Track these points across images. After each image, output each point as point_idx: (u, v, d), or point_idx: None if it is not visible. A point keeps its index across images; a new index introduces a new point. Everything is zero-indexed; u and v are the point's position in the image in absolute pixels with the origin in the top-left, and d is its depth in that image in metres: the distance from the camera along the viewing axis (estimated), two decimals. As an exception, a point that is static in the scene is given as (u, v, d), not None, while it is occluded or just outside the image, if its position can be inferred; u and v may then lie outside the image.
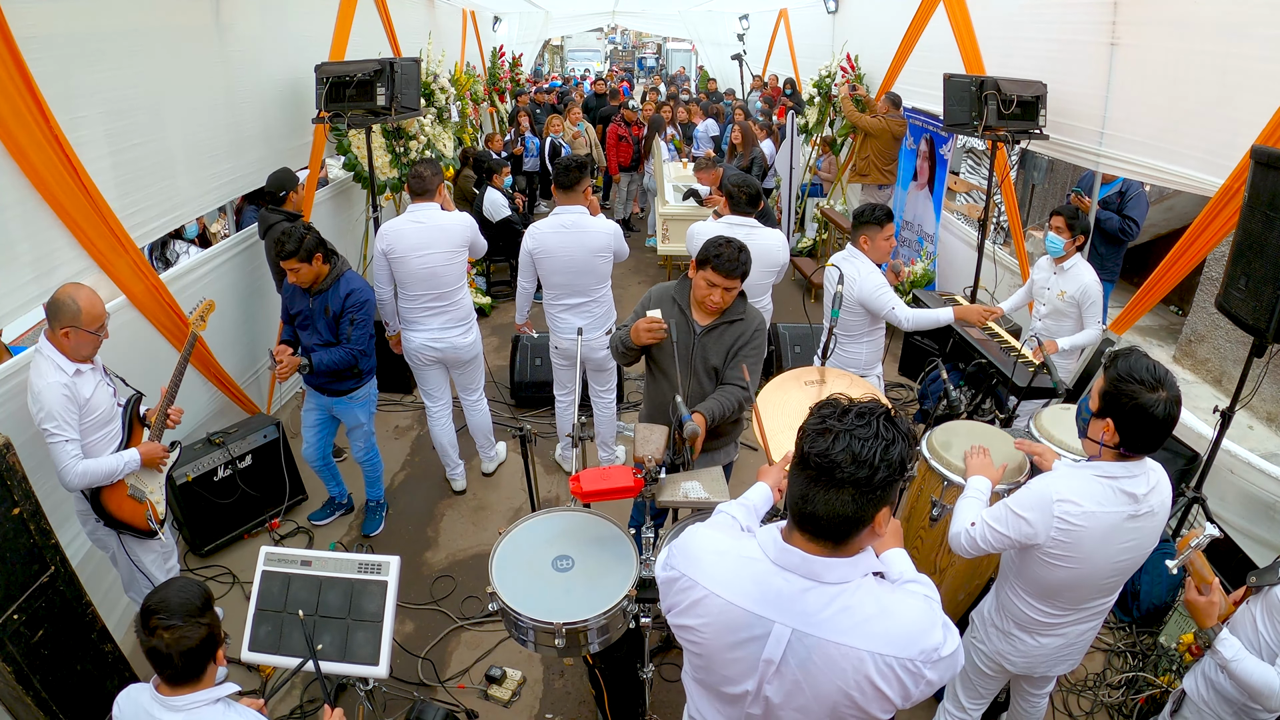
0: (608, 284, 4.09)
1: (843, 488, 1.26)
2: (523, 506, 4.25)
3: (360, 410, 3.82)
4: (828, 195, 8.41)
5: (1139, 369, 1.84)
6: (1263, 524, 3.43)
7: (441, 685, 3.18)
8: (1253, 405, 4.18)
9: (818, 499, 1.28)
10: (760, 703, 1.42)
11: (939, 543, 2.69)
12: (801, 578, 1.34)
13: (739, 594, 1.38)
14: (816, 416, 1.32)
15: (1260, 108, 3.24)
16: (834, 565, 1.33)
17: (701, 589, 1.41)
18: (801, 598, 1.34)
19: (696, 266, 2.76)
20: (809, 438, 1.30)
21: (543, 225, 3.91)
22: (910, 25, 6.49)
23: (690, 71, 22.54)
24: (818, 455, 1.27)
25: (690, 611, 1.43)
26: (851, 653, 1.31)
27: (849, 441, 1.26)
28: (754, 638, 1.37)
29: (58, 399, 2.58)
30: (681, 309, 2.86)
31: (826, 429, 1.29)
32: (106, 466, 2.73)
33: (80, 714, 2.60)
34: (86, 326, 2.63)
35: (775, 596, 1.35)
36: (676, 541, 1.52)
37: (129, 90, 3.46)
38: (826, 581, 1.33)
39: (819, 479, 1.27)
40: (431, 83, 6.37)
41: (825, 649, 1.32)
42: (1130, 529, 1.96)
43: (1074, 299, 3.82)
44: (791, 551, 1.35)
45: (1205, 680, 2.14)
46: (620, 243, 4.00)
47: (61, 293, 2.64)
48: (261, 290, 4.66)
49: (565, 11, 14.66)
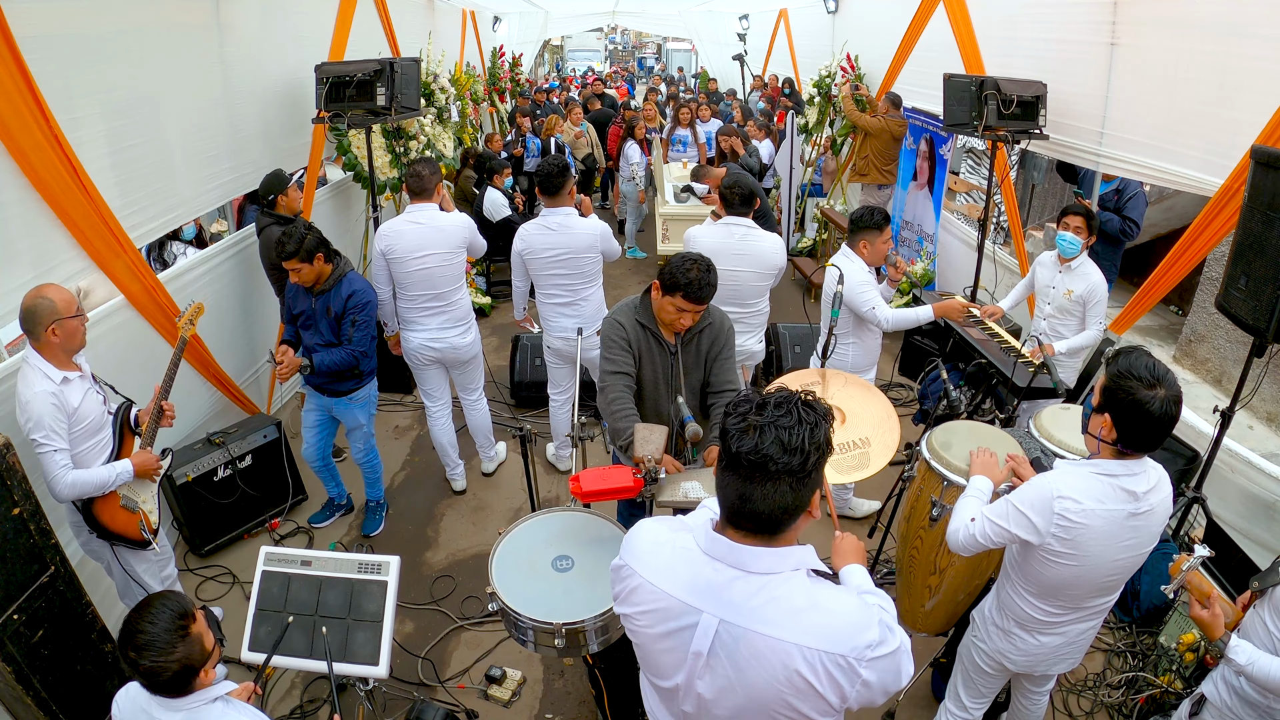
0: (597, 282, 4.11)
1: (779, 479, 1.27)
2: (523, 506, 4.25)
3: (360, 411, 3.82)
4: (828, 195, 8.41)
5: (1138, 366, 1.85)
6: (1263, 524, 3.43)
7: (441, 685, 3.18)
8: (1253, 405, 4.17)
9: (757, 495, 1.29)
10: (692, 699, 1.41)
11: (939, 542, 2.69)
12: (729, 567, 1.35)
13: (671, 581, 1.40)
14: (736, 415, 1.32)
15: (1260, 108, 3.24)
16: (760, 555, 1.33)
17: (638, 577, 1.44)
18: (729, 587, 1.34)
19: (662, 290, 2.63)
20: (734, 437, 1.30)
21: (530, 226, 3.96)
22: (910, 25, 6.49)
23: (690, 71, 22.54)
24: (749, 453, 1.27)
25: (629, 599, 1.46)
26: (779, 645, 1.30)
27: (775, 433, 1.27)
28: (684, 627, 1.38)
29: (46, 408, 2.53)
30: (650, 331, 2.77)
31: (750, 425, 1.29)
32: (98, 478, 2.67)
33: (80, 714, 2.60)
34: (66, 314, 2.59)
35: (705, 585, 1.36)
36: (628, 534, 1.54)
37: (128, 90, 3.46)
38: (753, 571, 1.33)
39: (754, 475, 1.28)
40: (431, 83, 6.38)
41: (752, 640, 1.32)
42: (1131, 527, 1.96)
43: (1081, 298, 3.78)
44: (719, 540, 1.36)
45: (1225, 685, 2.12)
46: (609, 242, 4.02)
47: (29, 299, 2.57)
48: (261, 290, 4.66)
49: (565, 11, 14.67)
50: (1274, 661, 1.92)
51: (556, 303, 4.05)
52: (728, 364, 2.83)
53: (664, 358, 2.78)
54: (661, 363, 2.78)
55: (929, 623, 2.92)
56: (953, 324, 4.14)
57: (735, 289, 3.82)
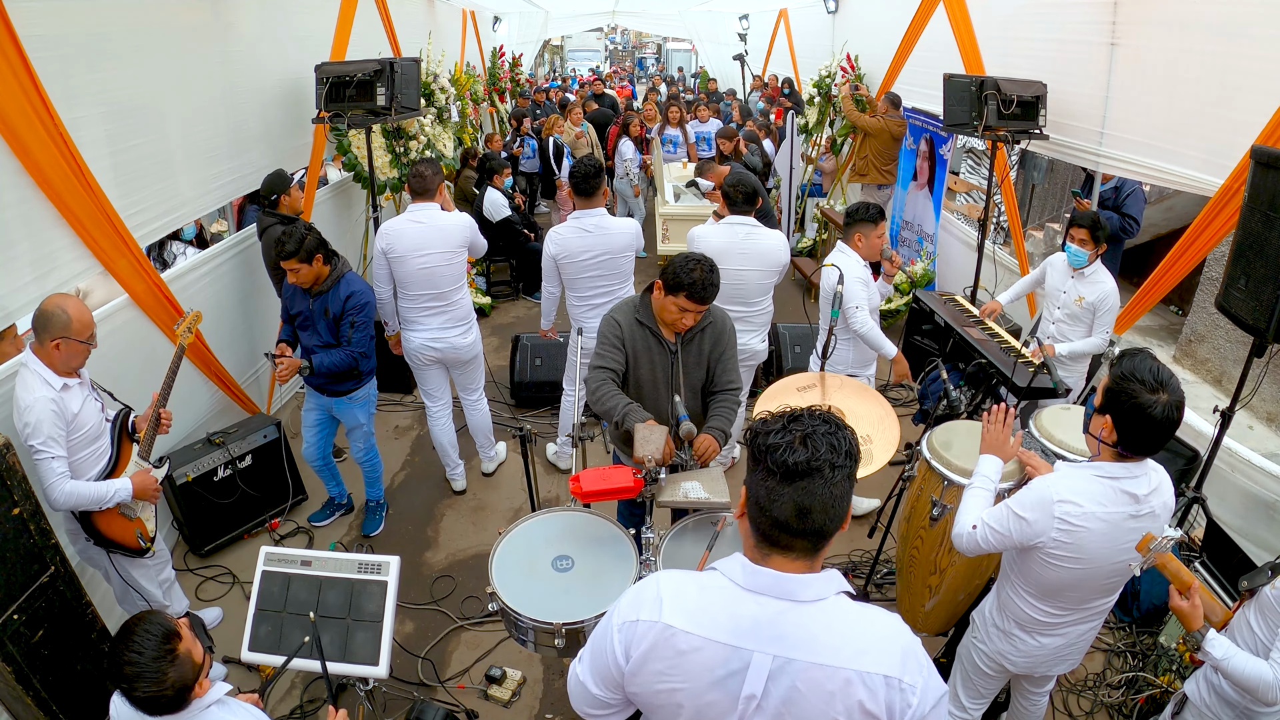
0: (630, 280, 4.11)
1: (837, 485, 1.24)
2: (523, 506, 4.25)
3: (359, 410, 3.82)
4: (828, 195, 8.41)
5: (1142, 369, 1.85)
6: (1263, 524, 3.43)
7: (441, 685, 3.18)
8: (1253, 405, 4.18)
9: (816, 506, 1.23)
10: None
11: (939, 542, 2.69)
12: (776, 599, 1.26)
13: (709, 626, 1.27)
14: (777, 432, 1.27)
15: (1260, 108, 3.24)
16: (809, 582, 1.27)
17: (666, 629, 1.29)
18: (779, 620, 1.26)
19: (665, 290, 2.61)
20: (784, 451, 1.24)
21: (564, 230, 3.90)
22: (910, 25, 6.50)
23: (689, 71, 22.54)
24: (806, 462, 1.23)
25: (653, 658, 1.30)
26: (837, 673, 1.23)
27: (825, 440, 1.25)
28: (732, 673, 1.26)
29: (46, 414, 2.50)
30: (650, 330, 2.75)
31: (798, 436, 1.25)
32: (95, 492, 2.63)
33: (80, 714, 2.60)
34: (78, 336, 2.57)
35: (750, 624, 1.26)
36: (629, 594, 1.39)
37: (130, 90, 3.47)
38: (803, 600, 1.26)
39: (813, 485, 1.23)
40: (431, 83, 6.38)
41: (811, 674, 1.24)
42: (1131, 529, 1.96)
43: (1092, 305, 3.74)
44: (762, 573, 1.28)
45: (1207, 684, 2.14)
46: (640, 239, 4.06)
47: (49, 303, 2.56)
48: (262, 290, 4.66)
49: (565, 11, 14.68)
50: (1249, 659, 1.93)
51: (595, 304, 4.01)
52: (730, 363, 2.83)
53: (664, 357, 2.77)
54: (661, 362, 2.77)
55: (929, 623, 2.92)
56: (953, 324, 4.14)
57: (739, 288, 3.83)
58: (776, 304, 4.23)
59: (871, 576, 3.52)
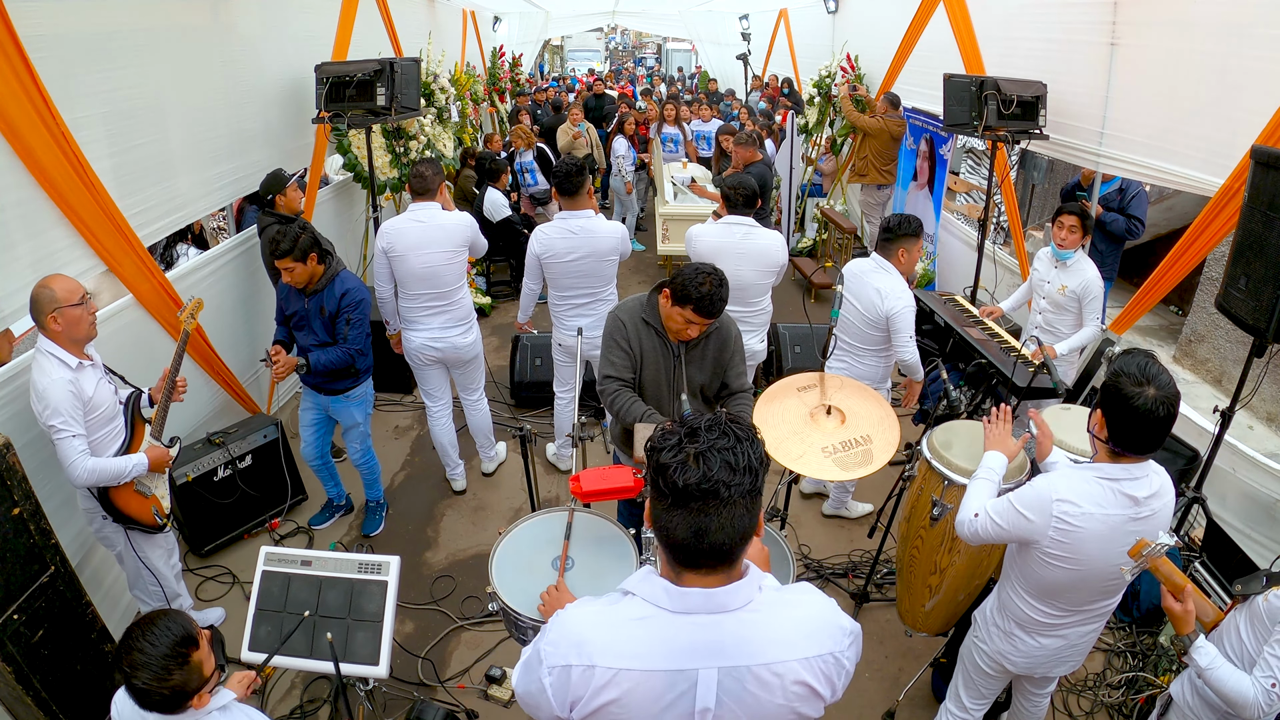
0: (613, 284, 4.11)
1: (735, 504, 1.20)
2: (523, 506, 4.25)
3: (356, 409, 3.82)
4: (828, 195, 8.41)
5: (1131, 365, 1.89)
6: (1263, 524, 3.43)
7: (441, 685, 3.18)
8: (1253, 405, 4.18)
9: (714, 526, 1.20)
10: None
11: (939, 542, 2.69)
12: (709, 614, 1.26)
13: (649, 659, 1.26)
14: (669, 449, 1.23)
15: (1260, 108, 3.24)
16: (736, 590, 1.27)
17: (605, 671, 1.26)
18: (716, 633, 1.26)
19: (672, 301, 2.57)
20: (676, 470, 1.20)
21: (550, 229, 3.90)
22: (910, 25, 6.50)
23: (688, 71, 22.54)
24: (699, 483, 1.19)
25: (600, 698, 1.27)
26: (784, 666, 1.27)
27: (720, 457, 1.20)
28: (680, 695, 1.26)
29: (63, 394, 2.58)
30: (656, 331, 2.72)
31: (690, 455, 1.21)
32: (115, 468, 2.73)
33: (80, 714, 2.60)
34: (67, 302, 2.61)
35: (688, 645, 1.26)
36: (544, 637, 1.35)
37: (131, 90, 3.47)
38: (735, 609, 1.27)
39: (708, 506, 1.19)
40: (431, 83, 6.38)
41: (759, 674, 1.26)
42: (1131, 532, 1.95)
43: (1075, 294, 3.78)
44: (689, 594, 1.26)
45: (1191, 687, 2.13)
46: (626, 243, 4.03)
47: (34, 290, 2.63)
48: (263, 291, 4.66)
49: (565, 11, 14.67)
50: (1233, 673, 1.91)
51: (574, 304, 4.02)
52: (741, 368, 2.82)
53: (668, 359, 2.76)
54: (665, 364, 2.76)
55: (929, 623, 2.92)
56: (953, 324, 4.15)
57: (738, 288, 3.81)
58: (776, 304, 4.23)
59: (871, 576, 3.52)
